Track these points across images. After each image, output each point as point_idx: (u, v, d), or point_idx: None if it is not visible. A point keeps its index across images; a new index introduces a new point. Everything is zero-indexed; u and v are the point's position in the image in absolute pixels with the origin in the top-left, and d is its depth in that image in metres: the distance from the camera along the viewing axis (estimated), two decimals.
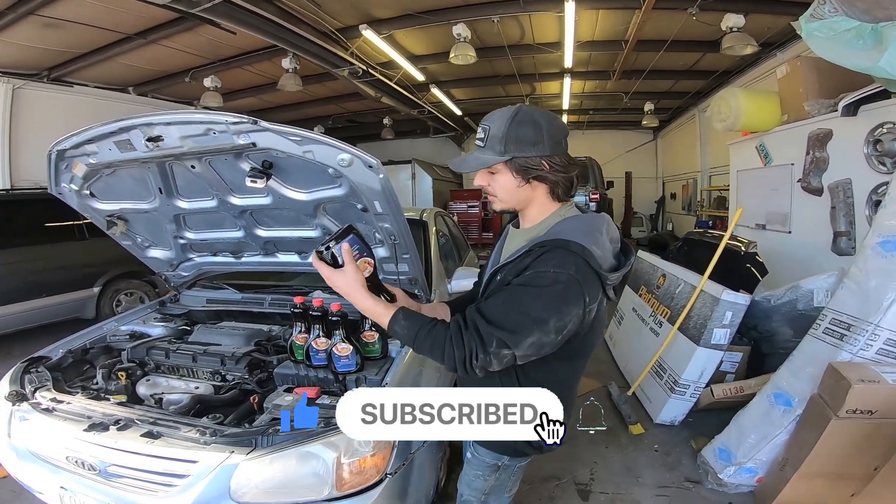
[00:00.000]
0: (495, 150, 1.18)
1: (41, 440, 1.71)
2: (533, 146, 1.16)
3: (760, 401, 2.42)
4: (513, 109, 1.19)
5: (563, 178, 1.21)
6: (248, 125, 1.44)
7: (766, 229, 4.11)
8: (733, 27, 5.23)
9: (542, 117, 1.18)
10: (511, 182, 1.20)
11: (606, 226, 1.21)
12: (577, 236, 1.11)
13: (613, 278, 1.15)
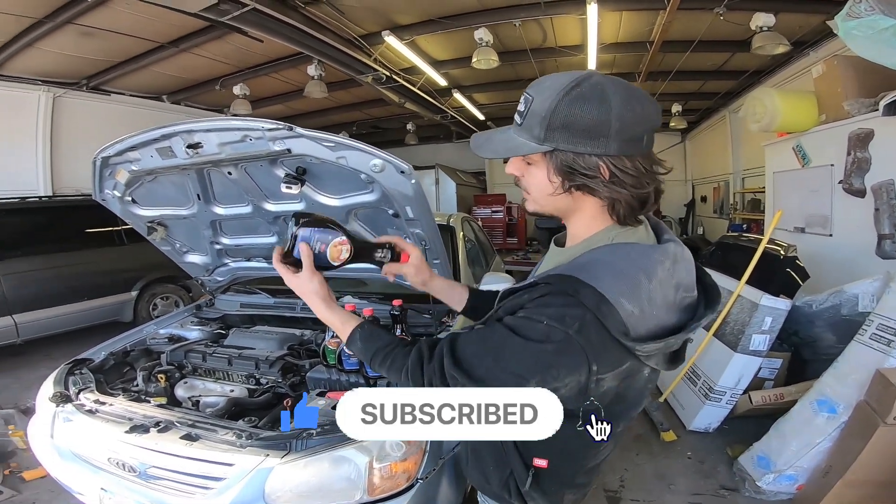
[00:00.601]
0: (533, 134, 0.81)
1: (84, 441, 1.75)
2: (590, 139, 0.78)
3: (803, 408, 2.37)
4: (574, 77, 0.79)
5: (630, 195, 0.81)
6: (284, 131, 1.47)
7: (805, 232, 3.97)
8: (763, 26, 5.06)
9: (617, 94, 0.77)
10: (547, 184, 0.85)
11: (670, 265, 0.82)
12: (603, 279, 0.76)
13: (648, 348, 0.78)
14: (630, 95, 0.79)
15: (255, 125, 1.49)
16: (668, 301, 0.82)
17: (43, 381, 2.07)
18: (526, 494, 1.02)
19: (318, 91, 6.43)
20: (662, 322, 0.81)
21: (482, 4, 5.26)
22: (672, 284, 0.82)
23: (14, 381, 4.14)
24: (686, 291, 0.85)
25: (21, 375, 4.27)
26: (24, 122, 6.21)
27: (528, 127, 0.83)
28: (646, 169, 0.82)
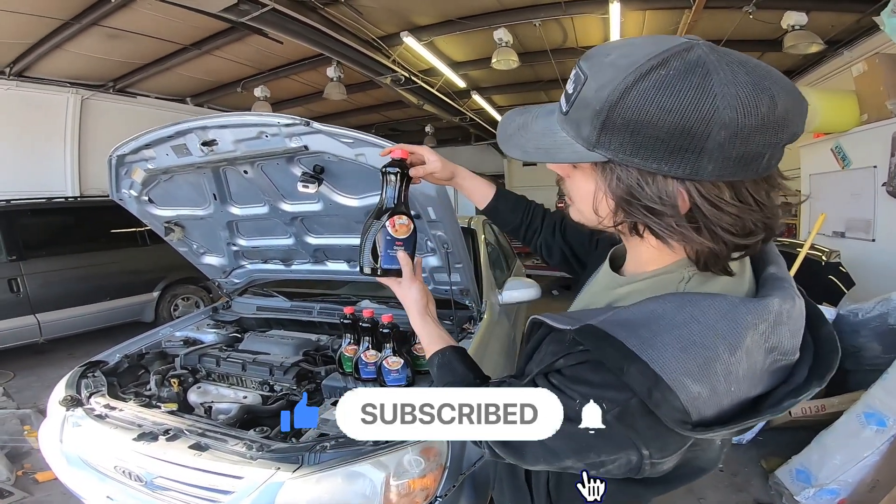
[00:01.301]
0: (580, 133, 0.56)
1: (91, 447, 1.71)
2: (670, 152, 0.51)
3: (849, 420, 2.28)
4: (661, 48, 0.52)
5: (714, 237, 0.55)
6: (301, 127, 1.41)
7: (845, 237, 3.80)
8: (795, 25, 4.89)
9: (730, 81, 0.50)
10: (589, 200, 0.62)
11: (766, 329, 0.56)
12: (663, 351, 0.54)
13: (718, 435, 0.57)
14: (756, 84, 0.50)
15: (270, 120, 1.44)
16: (754, 371, 0.56)
17: None
18: None
19: (336, 93, 6.44)
20: (741, 397, 0.56)
21: (501, 4, 5.18)
22: (764, 349, 0.56)
23: (36, 380, 4.15)
24: (782, 355, 0.58)
25: (43, 374, 4.30)
26: (54, 124, 6.38)
27: (574, 121, 0.56)
28: (757, 201, 0.54)
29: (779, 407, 0.58)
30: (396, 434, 1.05)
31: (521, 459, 0.72)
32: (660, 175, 0.53)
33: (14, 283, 4.43)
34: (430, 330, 0.93)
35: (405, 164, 0.98)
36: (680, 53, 0.51)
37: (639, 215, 0.57)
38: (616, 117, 0.52)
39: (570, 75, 0.59)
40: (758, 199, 0.54)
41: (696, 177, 0.52)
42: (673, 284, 0.63)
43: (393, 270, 0.94)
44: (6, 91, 5.82)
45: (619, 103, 0.51)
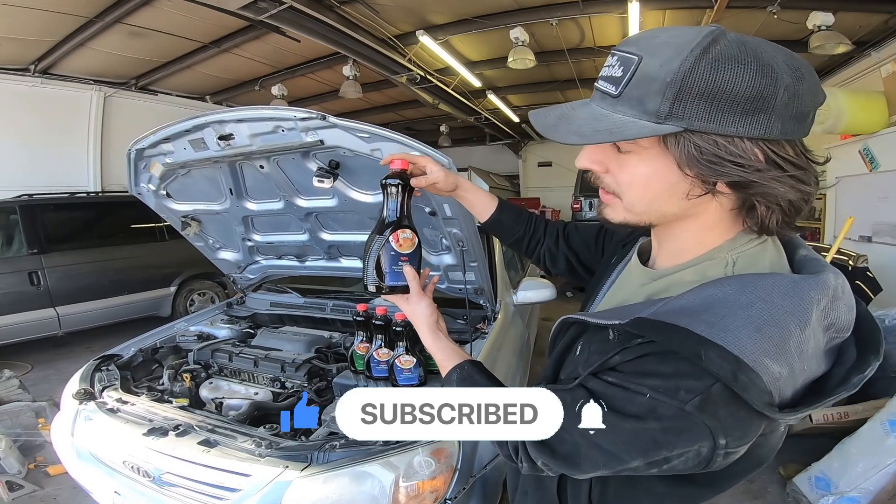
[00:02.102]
0: (645, 108, 0.56)
1: (101, 442, 1.71)
2: (745, 114, 0.53)
3: (873, 427, 2.24)
4: (703, 31, 0.55)
5: (792, 192, 0.57)
6: (317, 121, 1.40)
7: (872, 241, 3.68)
8: (821, 25, 4.75)
9: (778, 58, 0.54)
10: (669, 179, 0.59)
11: (827, 304, 0.57)
12: (738, 333, 0.53)
13: (801, 415, 0.57)
14: (789, 56, 0.55)
15: (286, 114, 1.43)
16: (818, 349, 0.58)
17: None
18: None
19: (352, 91, 6.45)
20: (811, 376, 0.58)
21: (518, 3, 5.14)
22: (822, 327, 0.57)
23: (54, 373, 4.19)
24: (837, 332, 0.59)
25: (61, 367, 4.35)
26: (77, 121, 6.51)
27: (634, 98, 0.56)
28: (809, 160, 0.59)
29: (849, 383, 0.57)
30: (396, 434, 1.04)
31: (576, 468, 0.66)
32: (736, 137, 0.55)
33: (35, 276, 4.49)
34: (443, 345, 0.90)
35: (406, 175, 0.94)
36: (721, 35, 0.55)
37: (729, 177, 0.57)
38: (691, 86, 0.53)
39: (605, 64, 0.61)
40: (810, 159, 0.59)
41: (769, 135, 0.55)
42: (719, 270, 0.62)
43: (399, 287, 0.89)
44: (31, 88, 5.95)
45: (691, 72, 0.53)
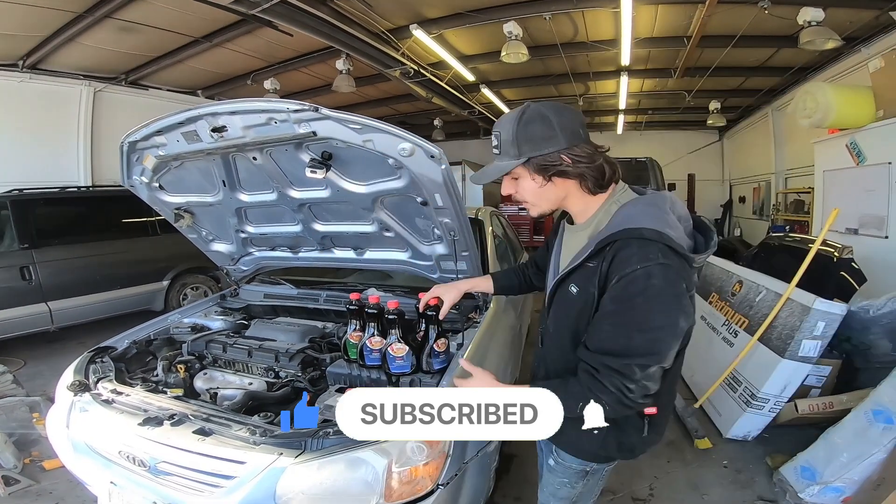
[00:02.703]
0: (510, 155, 1.11)
1: (97, 433, 1.71)
2: (547, 142, 1.08)
3: (857, 417, 2.26)
4: (519, 110, 1.12)
5: (589, 168, 1.10)
6: (309, 112, 1.42)
7: (858, 234, 3.75)
8: (811, 21, 4.80)
9: (551, 109, 1.10)
10: (534, 184, 1.13)
11: (670, 204, 1.09)
12: (647, 221, 1.00)
13: (700, 260, 1.05)
14: (559, 107, 1.11)
15: (279, 106, 1.45)
16: (681, 229, 1.07)
17: None
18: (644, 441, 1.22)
19: (345, 85, 6.44)
20: (687, 243, 1.06)
21: None
22: (676, 216, 1.08)
23: (47, 369, 4.17)
24: (685, 221, 1.11)
25: (53, 362, 4.32)
26: (67, 116, 6.45)
27: (505, 153, 1.13)
28: (593, 150, 1.12)
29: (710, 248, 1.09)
30: (396, 434, 1.05)
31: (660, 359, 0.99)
32: (548, 152, 1.09)
33: (26, 270, 4.46)
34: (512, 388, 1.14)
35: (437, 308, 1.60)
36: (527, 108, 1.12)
37: (552, 170, 1.10)
38: (520, 138, 1.10)
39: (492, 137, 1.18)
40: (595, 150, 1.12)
41: (562, 147, 1.09)
42: (614, 205, 1.14)
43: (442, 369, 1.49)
44: (20, 83, 5.89)
45: (517, 133, 1.10)
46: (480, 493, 1.80)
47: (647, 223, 0.99)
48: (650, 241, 0.97)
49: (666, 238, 0.97)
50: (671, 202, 1.10)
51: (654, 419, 1.19)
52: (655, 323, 0.96)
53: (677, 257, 0.97)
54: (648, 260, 0.95)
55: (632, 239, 0.98)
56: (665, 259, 0.95)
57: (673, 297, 0.96)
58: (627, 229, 1.00)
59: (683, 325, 0.98)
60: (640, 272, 0.95)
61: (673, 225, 1.02)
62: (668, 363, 1.00)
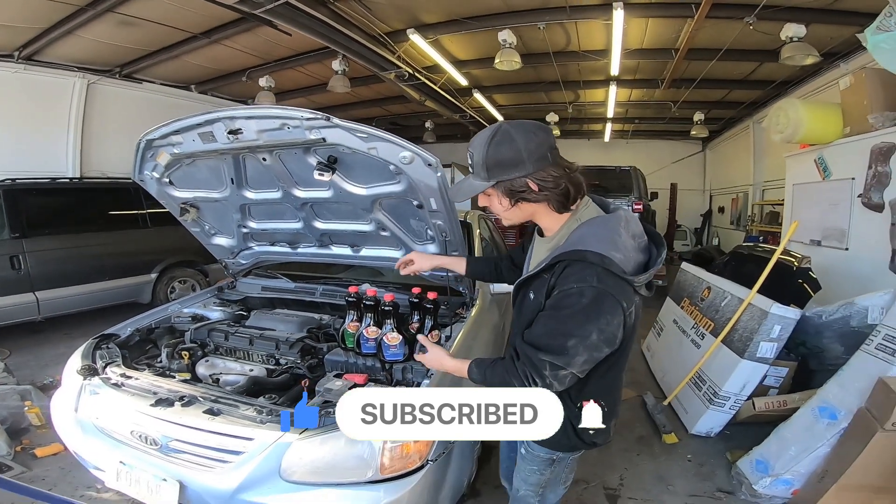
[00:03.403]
0: (481, 177, 1.19)
1: (108, 414, 1.78)
2: (515, 168, 1.14)
3: (804, 413, 2.41)
4: (491, 130, 1.17)
5: (553, 192, 1.17)
6: (322, 121, 1.55)
7: (821, 245, 3.95)
8: (793, 37, 5.01)
9: (520, 133, 1.15)
10: (505, 204, 1.21)
11: (625, 223, 1.18)
12: (594, 244, 1.11)
13: (641, 279, 1.14)
14: (528, 131, 1.16)
15: (294, 114, 1.57)
16: (633, 246, 1.18)
17: (61, 359, 2.08)
18: (569, 433, 1.29)
19: (341, 86, 6.50)
20: (636, 261, 1.17)
21: (508, 6, 5.30)
22: (630, 234, 1.18)
23: (32, 359, 4.19)
24: (639, 238, 1.22)
25: (39, 353, 4.32)
26: (59, 107, 6.42)
27: (477, 173, 1.21)
28: (560, 173, 1.17)
29: (656, 263, 1.20)
30: (397, 434, 1.11)
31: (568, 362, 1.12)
32: (517, 178, 1.16)
33: (16, 260, 4.47)
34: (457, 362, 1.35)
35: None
36: (499, 129, 1.17)
37: (517, 196, 1.18)
38: (490, 162, 1.17)
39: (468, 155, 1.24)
40: (563, 172, 1.17)
41: (528, 172, 1.15)
42: (575, 223, 1.23)
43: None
44: (13, 74, 5.86)
45: (487, 157, 1.17)
46: (464, 474, 1.96)
47: (595, 246, 1.10)
48: (592, 264, 1.08)
49: (607, 262, 1.08)
50: (625, 221, 1.19)
51: None
52: (572, 333, 1.09)
53: (613, 279, 1.09)
54: (584, 281, 1.08)
55: (576, 261, 1.10)
56: (599, 283, 1.08)
57: (594, 315, 1.09)
58: (576, 251, 1.11)
59: (595, 338, 1.10)
60: (575, 290, 1.09)
61: (622, 247, 1.12)
62: (576, 369, 1.12)
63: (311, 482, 1.53)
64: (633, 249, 1.16)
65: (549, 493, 1.51)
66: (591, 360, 1.13)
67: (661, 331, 4.28)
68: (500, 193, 1.19)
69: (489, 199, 1.24)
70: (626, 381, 3.88)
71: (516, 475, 1.54)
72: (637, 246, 1.19)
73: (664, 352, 4.05)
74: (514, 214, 1.24)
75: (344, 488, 1.53)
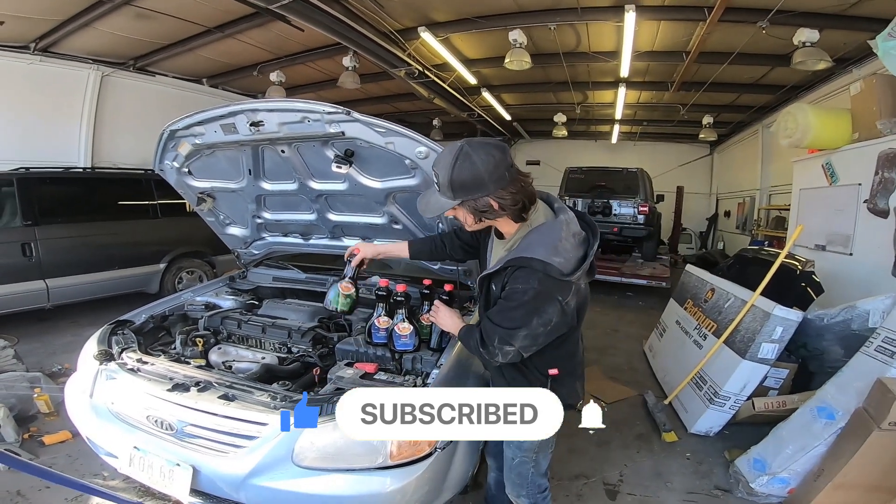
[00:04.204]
0: (447, 196, 1.33)
1: (124, 399, 1.80)
2: (478, 189, 1.29)
3: (803, 413, 2.44)
4: (454, 152, 1.30)
5: (513, 209, 1.34)
6: (342, 115, 1.59)
7: (826, 250, 3.97)
8: (806, 42, 4.99)
9: (480, 155, 1.28)
10: (469, 220, 1.39)
11: (565, 228, 1.37)
12: (539, 252, 1.30)
13: (578, 276, 1.35)
14: (487, 153, 1.28)
15: (316, 108, 1.62)
16: (573, 245, 1.37)
17: (69, 347, 2.04)
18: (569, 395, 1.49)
19: (350, 82, 6.55)
20: (577, 256, 1.36)
21: (518, 6, 5.33)
22: (571, 234, 1.37)
23: (40, 346, 4.17)
24: (578, 235, 1.41)
25: (47, 341, 4.33)
26: (72, 99, 6.49)
27: (444, 191, 1.34)
28: (515, 190, 1.31)
29: (589, 256, 1.40)
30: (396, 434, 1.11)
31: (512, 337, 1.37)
32: (480, 198, 1.30)
33: (28, 247, 4.50)
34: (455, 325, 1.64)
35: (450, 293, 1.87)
36: (460, 151, 1.29)
37: (480, 215, 1.35)
38: (455, 184, 1.30)
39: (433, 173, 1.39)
40: (513, 191, 1.31)
41: (489, 192, 1.30)
42: (526, 231, 1.40)
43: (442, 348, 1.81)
44: (29, 65, 5.93)
45: (451, 179, 1.29)
46: (469, 464, 1.99)
47: (539, 253, 1.30)
48: (535, 270, 1.30)
49: (548, 269, 1.29)
50: (566, 224, 1.38)
51: (557, 379, 1.51)
52: (516, 319, 1.35)
53: (552, 281, 1.30)
54: (528, 283, 1.31)
55: (523, 268, 1.32)
56: (539, 285, 1.30)
57: (532, 308, 1.34)
58: (523, 258, 1.31)
59: (535, 324, 1.35)
60: (520, 290, 1.33)
61: (562, 250, 1.33)
62: (518, 345, 1.37)
63: (322, 467, 1.55)
64: (572, 248, 1.37)
65: (542, 459, 1.67)
66: (530, 339, 1.37)
67: (663, 332, 4.31)
68: (466, 211, 1.35)
69: (455, 212, 1.40)
70: (626, 380, 3.92)
71: (508, 446, 1.68)
72: (577, 243, 1.39)
73: (666, 352, 4.08)
74: (478, 226, 1.43)
75: (353, 474, 1.56)
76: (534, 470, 1.67)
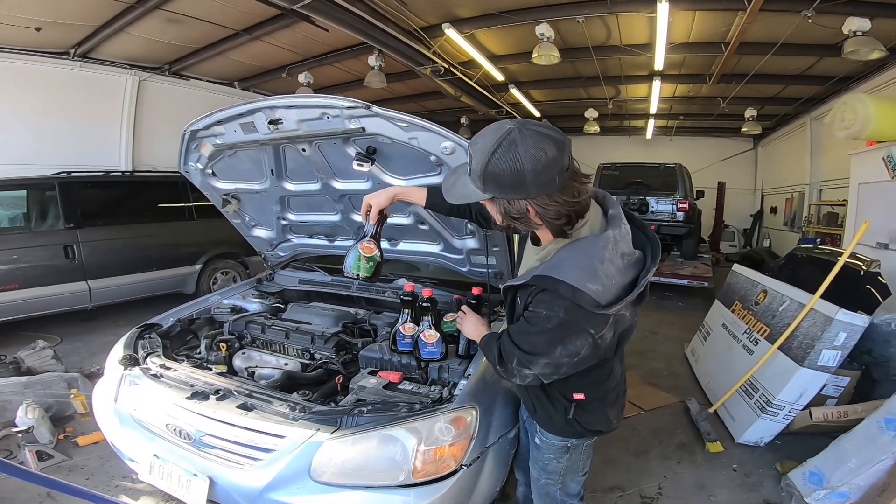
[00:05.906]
0: (478, 185, 1.08)
1: (145, 405, 1.78)
2: (515, 189, 1.03)
3: (868, 425, 2.25)
4: (498, 137, 1.01)
5: (554, 223, 1.09)
6: (361, 110, 1.51)
7: (889, 249, 3.67)
8: (857, 31, 4.68)
9: (528, 148, 0.99)
10: (498, 218, 1.14)
11: (612, 246, 1.10)
12: (570, 274, 1.06)
13: (618, 308, 1.09)
14: (539, 145, 0.99)
15: (334, 103, 1.55)
16: (619, 268, 1.11)
17: (108, 347, 2.09)
18: (571, 421, 1.37)
19: (377, 81, 6.54)
20: (622, 283, 1.11)
21: (545, 0, 5.17)
22: (618, 255, 1.11)
23: (82, 346, 4.31)
24: (630, 255, 1.14)
25: (89, 340, 4.46)
26: (112, 104, 6.76)
27: (474, 178, 1.09)
28: (561, 202, 1.04)
29: (640, 284, 1.12)
30: None
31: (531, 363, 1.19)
32: (515, 200, 1.05)
33: (70, 249, 4.65)
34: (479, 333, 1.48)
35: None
36: (505, 137, 1.00)
37: (510, 221, 1.11)
38: (487, 176, 1.04)
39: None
40: (558, 203, 1.04)
41: (530, 197, 1.03)
42: (562, 243, 1.15)
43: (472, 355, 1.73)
44: (70, 71, 6.19)
45: (486, 169, 1.03)
46: (497, 480, 1.87)
47: (569, 277, 1.05)
48: (562, 297, 1.06)
49: (578, 297, 1.04)
50: (614, 242, 1.11)
51: (583, 405, 1.36)
52: (538, 346, 1.16)
53: (582, 312, 1.07)
54: (552, 310, 1.10)
55: (548, 291, 1.09)
56: (566, 315, 1.08)
57: (556, 339, 1.13)
58: (550, 279, 1.08)
59: (558, 354, 1.15)
60: (543, 315, 1.12)
61: (602, 275, 1.06)
62: (537, 371, 1.20)
63: (341, 483, 1.48)
64: (617, 273, 1.10)
65: (570, 481, 1.53)
66: (553, 368, 1.19)
67: (707, 335, 4.07)
68: (496, 208, 1.12)
69: (487, 204, 1.16)
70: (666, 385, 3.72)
71: (533, 465, 1.57)
72: (625, 265, 1.13)
73: (710, 357, 3.85)
74: (508, 227, 1.18)
75: (373, 491, 1.47)
76: (561, 491, 1.55)
